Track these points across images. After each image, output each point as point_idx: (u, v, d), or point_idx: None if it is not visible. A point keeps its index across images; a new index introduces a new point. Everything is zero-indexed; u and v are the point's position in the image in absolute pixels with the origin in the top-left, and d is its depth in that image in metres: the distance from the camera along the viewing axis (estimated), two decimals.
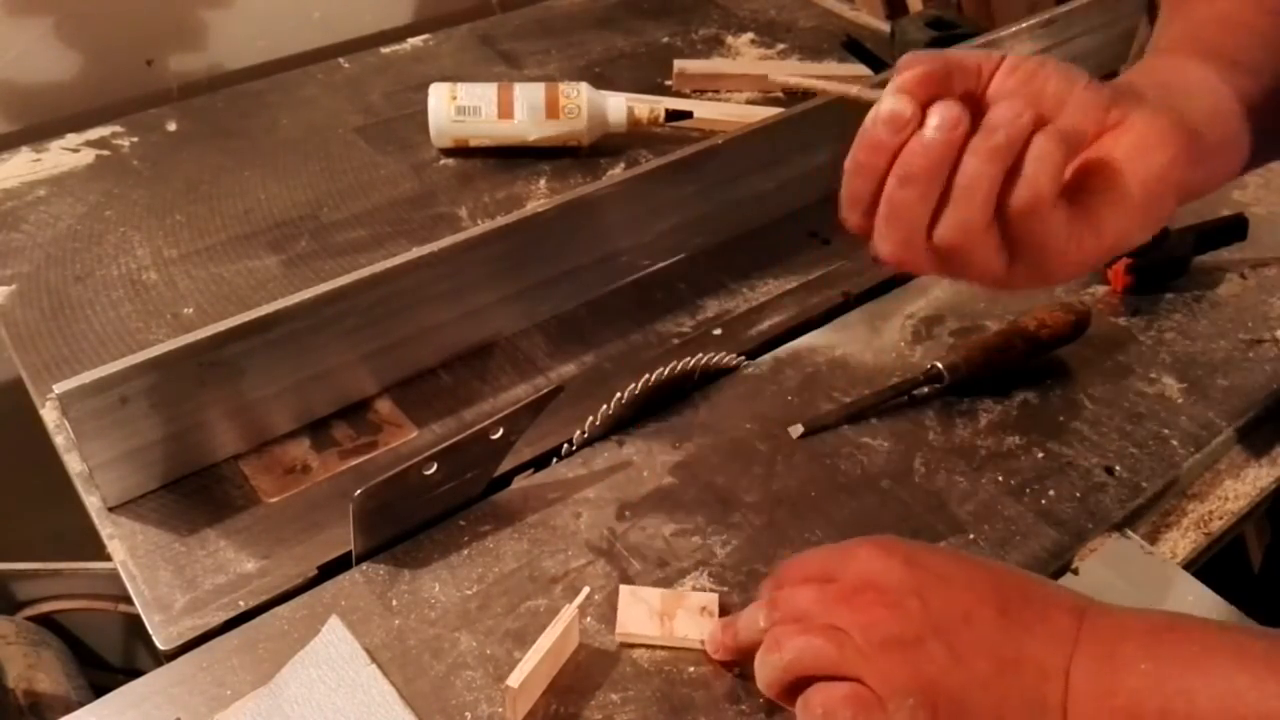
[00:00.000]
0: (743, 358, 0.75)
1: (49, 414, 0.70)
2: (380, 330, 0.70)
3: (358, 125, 0.99)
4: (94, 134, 0.96)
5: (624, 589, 0.59)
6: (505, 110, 0.92)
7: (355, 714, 0.53)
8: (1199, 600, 0.61)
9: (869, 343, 0.77)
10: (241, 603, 0.60)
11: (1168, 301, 0.81)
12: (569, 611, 0.55)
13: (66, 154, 0.94)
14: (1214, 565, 0.67)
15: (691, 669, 0.56)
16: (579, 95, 0.92)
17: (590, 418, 0.68)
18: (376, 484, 0.57)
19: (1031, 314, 0.76)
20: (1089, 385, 0.74)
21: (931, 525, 0.64)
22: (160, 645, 0.58)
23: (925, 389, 0.72)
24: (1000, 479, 0.67)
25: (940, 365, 0.72)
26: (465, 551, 0.62)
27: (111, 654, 0.95)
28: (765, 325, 0.79)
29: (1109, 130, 0.48)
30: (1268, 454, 0.72)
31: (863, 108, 0.47)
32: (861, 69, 1.07)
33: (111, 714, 0.55)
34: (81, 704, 0.56)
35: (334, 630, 0.57)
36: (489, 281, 0.74)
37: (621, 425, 0.70)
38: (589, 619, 0.59)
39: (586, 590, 0.57)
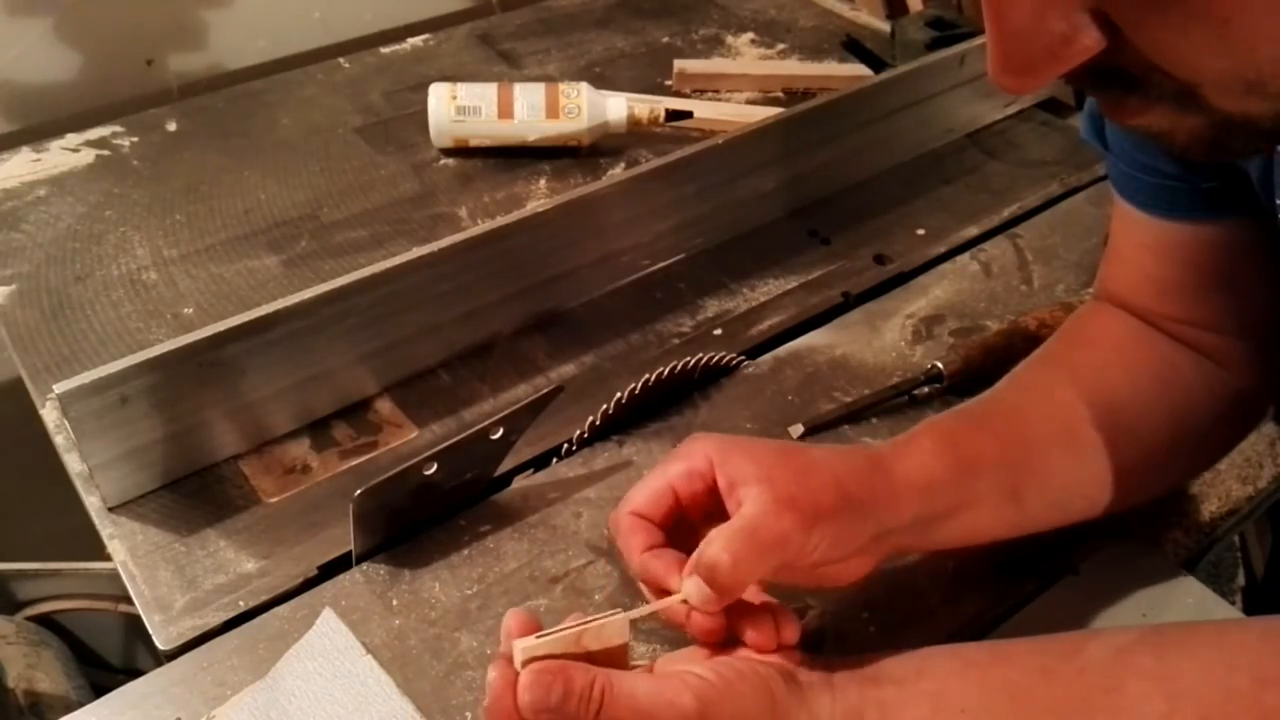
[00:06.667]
0: (743, 358, 0.75)
1: (49, 414, 0.70)
2: (380, 330, 0.70)
3: (358, 125, 0.99)
4: (94, 134, 0.96)
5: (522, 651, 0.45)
6: (505, 110, 0.92)
7: (352, 704, 0.53)
8: (1199, 601, 0.61)
9: (869, 343, 0.77)
10: (241, 603, 0.60)
11: None
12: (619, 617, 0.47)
13: (66, 154, 0.94)
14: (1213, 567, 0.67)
15: None
16: (579, 95, 0.92)
17: (590, 418, 0.68)
18: (376, 484, 0.57)
19: (1032, 314, 0.76)
20: None
21: None
22: (160, 645, 0.58)
23: (925, 389, 0.72)
24: None
25: (940, 365, 0.72)
26: (465, 551, 0.62)
27: (111, 654, 0.95)
28: (765, 325, 0.79)
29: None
30: (1268, 454, 0.72)
31: None
32: (862, 69, 1.07)
33: (111, 714, 0.55)
34: (81, 704, 0.56)
35: (328, 622, 0.57)
36: (489, 281, 0.74)
37: (621, 425, 0.70)
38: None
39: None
